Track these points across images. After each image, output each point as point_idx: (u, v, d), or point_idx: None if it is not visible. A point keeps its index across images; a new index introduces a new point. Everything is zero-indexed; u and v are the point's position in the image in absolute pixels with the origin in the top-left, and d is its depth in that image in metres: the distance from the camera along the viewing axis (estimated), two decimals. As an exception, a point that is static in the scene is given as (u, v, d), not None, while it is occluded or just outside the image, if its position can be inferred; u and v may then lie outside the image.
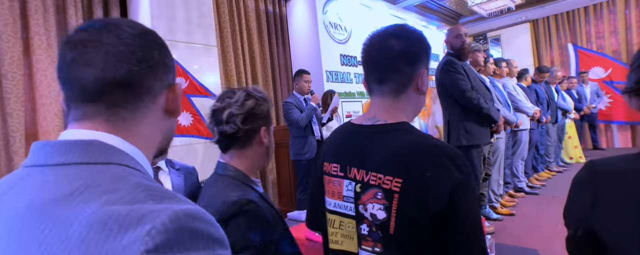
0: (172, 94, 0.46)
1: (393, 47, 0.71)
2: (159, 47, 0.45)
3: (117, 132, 0.41)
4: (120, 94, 0.41)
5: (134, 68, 0.41)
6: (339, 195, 0.75)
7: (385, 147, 0.69)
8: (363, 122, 0.76)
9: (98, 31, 0.41)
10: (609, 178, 0.58)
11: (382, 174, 0.67)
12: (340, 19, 4.01)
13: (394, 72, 0.72)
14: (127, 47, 0.41)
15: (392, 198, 0.65)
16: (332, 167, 0.77)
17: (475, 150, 2.23)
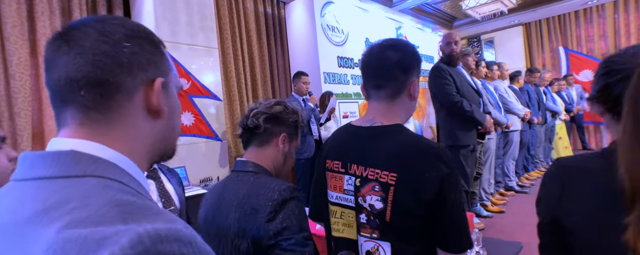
0: (150, 90, 0.41)
1: (390, 57, 0.81)
2: (134, 39, 0.41)
3: (95, 138, 0.39)
4: (86, 94, 0.38)
5: (98, 63, 0.38)
6: (341, 188, 0.84)
7: (382, 146, 0.79)
8: (362, 124, 0.86)
9: (70, 29, 0.39)
10: (574, 174, 0.68)
11: (379, 170, 0.77)
12: (337, 22, 4.10)
13: (390, 79, 0.81)
14: (92, 42, 0.38)
15: (389, 190, 0.75)
16: (335, 164, 0.87)
17: (462, 151, 2.34)
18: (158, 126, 0.44)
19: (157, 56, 0.43)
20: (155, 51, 0.43)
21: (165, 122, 0.44)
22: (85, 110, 0.39)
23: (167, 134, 0.46)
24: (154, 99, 0.41)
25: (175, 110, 0.47)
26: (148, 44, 0.42)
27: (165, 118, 0.44)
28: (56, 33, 0.40)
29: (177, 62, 2.74)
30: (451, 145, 2.34)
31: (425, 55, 5.94)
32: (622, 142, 0.56)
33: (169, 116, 0.45)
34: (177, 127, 0.49)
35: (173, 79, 0.47)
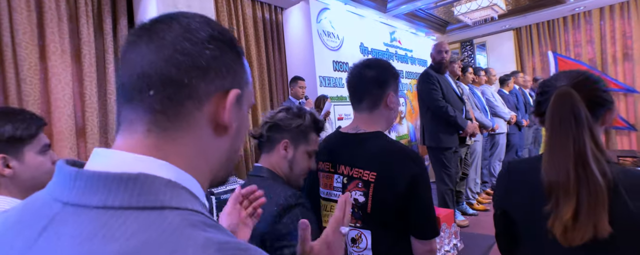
0: (223, 102, 0.37)
1: (366, 75, 0.96)
2: (218, 42, 0.37)
3: (161, 151, 0.34)
4: (155, 94, 0.34)
5: (175, 60, 0.34)
6: (330, 186, 0.99)
7: (364, 150, 0.94)
8: (348, 131, 1.01)
9: (155, 21, 0.37)
10: (517, 174, 0.84)
11: (362, 169, 0.92)
12: (333, 27, 4.26)
13: (367, 94, 0.97)
14: (175, 37, 0.35)
15: (369, 186, 0.90)
16: (325, 165, 1.02)
17: (446, 152, 2.51)
18: (223, 144, 0.39)
19: (238, 65, 0.39)
20: (237, 60, 0.39)
21: (231, 140, 0.39)
22: (154, 113, 0.34)
23: (230, 154, 0.41)
24: (225, 112, 0.37)
25: (242, 130, 0.42)
26: (231, 51, 0.39)
27: (231, 136, 0.39)
28: (140, 24, 0.37)
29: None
30: (435, 147, 2.50)
31: (419, 59, 6.11)
32: (544, 150, 0.72)
33: (236, 134, 0.40)
34: (239, 148, 0.43)
35: (248, 94, 0.43)
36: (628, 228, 0.66)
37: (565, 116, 0.70)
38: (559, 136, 0.70)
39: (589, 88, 0.74)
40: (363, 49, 4.79)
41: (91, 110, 2.80)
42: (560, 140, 0.69)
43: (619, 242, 0.66)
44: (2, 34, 2.40)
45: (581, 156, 0.67)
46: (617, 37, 5.85)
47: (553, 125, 0.71)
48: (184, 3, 2.98)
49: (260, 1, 4.13)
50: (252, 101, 0.46)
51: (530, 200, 0.77)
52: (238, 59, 0.40)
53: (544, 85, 0.79)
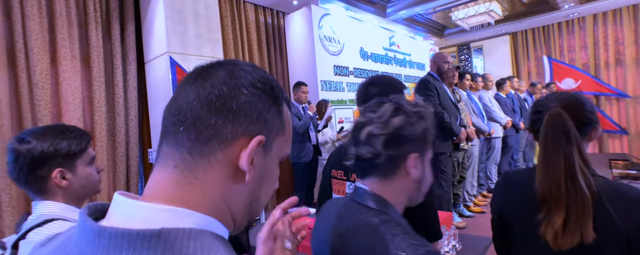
0: (246, 146, 0.37)
1: (371, 92, 1.05)
2: (256, 89, 0.38)
3: (186, 190, 0.35)
4: (184, 131, 0.36)
5: (208, 101, 0.36)
6: (343, 192, 1.09)
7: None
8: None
9: (208, 66, 0.40)
10: (513, 184, 0.94)
11: (372, 178, 1.01)
12: (333, 33, 4.35)
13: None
14: (215, 80, 0.37)
15: (379, 194, 0.99)
16: (338, 173, 1.11)
17: (441, 157, 2.61)
18: (242, 189, 0.39)
19: (272, 113, 0.40)
20: (272, 108, 0.40)
21: (250, 187, 0.39)
22: (182, 150, 0.36)
23: (251, 201, 0.40)
24: (244, 156, 0.36)
25: (266, 179, 0.41)
26: (268, 98, 0.39)
27: (251, 183, 0.39)
28: (194, 68, 0.40)
29: (186, 72, 2.95)
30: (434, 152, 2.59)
31: (418, 63, 6.22)
32: (538, 164, 0.82)
33: (258, 182, 0.40)
34: (262, 198, 0.42)
35: (281, 145, 0.42)
36: (610, 234, 0.73)
37: (557, 135, 0.78)
38: (551, 152, 0.78)
39: (577, 109, 0.82)
40: (363, 54, 4.89)
41: (99, 114, 2.87)
42: (552, 156, 0.78)
43: (601, 246, 0.74)
44: (16, 41, 2.47)
45: (570, 171, 0.75)
46: (610, 43, 6.01)
47: (547, 143, 0.79)
48: (190, 10, 3.06)
49: (262, 6, 4.22)
50: (286, 152, 0.44)
51: (525, 208, 0.86)
52: (274, 107, 0.40)
53: (537, 105, 0.88)
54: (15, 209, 2.39)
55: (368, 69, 4.94)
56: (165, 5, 2.88)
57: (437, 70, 2.76)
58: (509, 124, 3.81)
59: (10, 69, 2.48)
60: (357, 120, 0.72)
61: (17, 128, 2.48)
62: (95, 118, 2.86)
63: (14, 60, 2.48)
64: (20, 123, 2.49)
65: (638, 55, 5.78)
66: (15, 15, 2.46)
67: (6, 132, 2.38)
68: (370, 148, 0.66)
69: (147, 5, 3.09)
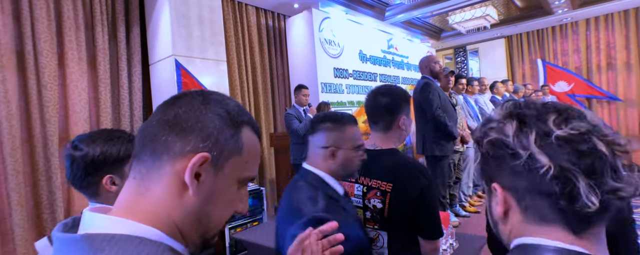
0: (189, 162, 0.39)
1: (380, 102, 1.14)
2: (213, 111, 0.42)
3: (134, 199, 0.40)
4: (145, 147, 0.41)
5: (167, 120, 0.41)
6: (352, 193, 1.17)
7: (381, 164, 1.12)
8: (367, 147, 1.18)
9: (182, 94, 0.45)
10: None
11: (380, 181, 1.10)
12: (333, 36, 4.43)
13: (381, 118, 1.15)
14: (181, 104, 0.42)
15: (386, 195, 1.08)
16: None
17: (445, 161, 2.70)
18: (187, 202, 0.40)
19: (225, 134, 0.42)
20: (227, 129, 0.42)
21: (198, 202, 0.41)
22: (140, 163, 0.41)
23: (199, 217, 0.42)
24: (187, 171, 0.39)
25: (217, 198, 0.43)
26: (223, 120, 0.42)
27: (199, 198, 0.41)
28: (171, 96, 0.45)
29: (191, 74, 3.02)
30: (437, 156, 2.68)
31: (415, 65, 6.32)
32: None
33: (204, 197, 0.41)
34: (215, 216, 0.43)
35: (237, 166, 0.44)
36: None
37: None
38: None
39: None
40: (362, 56, 4.98)
41: (105, 115, 2.93)
42: None
43: None
44: (25, 43, 2.52)
45: None
46: (602, 47, 6.16)
47: None
48: (195, 13, 3.13)
49: (264, 9, 4.29)
50: (247, 175, 0.45)
51: None
52: (229, 129, 0.42)
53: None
54: (24, 208, 2.45)
55: (367, 71, 5.04)
56: (171, 9, 2.94)
57: (430, 72, 2.84)
58: (504, 126, 3.92)
59: (20, 71, 2.53)
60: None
61: (25, 128, 2.53)
62: (100, 119, 2.92)
63: (23, 62, 2.53)
64: (28, 123, 2.54)
65: (629, 60, 5.94)
66: (24, 18, 2.51)
67: (15, 132, 2.43)
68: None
69: (152, 8, 3.15)
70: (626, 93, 5.97)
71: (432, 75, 2.86)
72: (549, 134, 0.40)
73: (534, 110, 0.44)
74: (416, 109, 2.82)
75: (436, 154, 2.67)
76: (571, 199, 0.39)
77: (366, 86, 4.98)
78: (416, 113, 2.83)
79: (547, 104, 0.45)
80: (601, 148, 0.39)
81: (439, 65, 2.85)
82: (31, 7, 2.55)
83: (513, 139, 0.43)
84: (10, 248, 2.39)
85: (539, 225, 0.42)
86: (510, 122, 0.44)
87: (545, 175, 0.39)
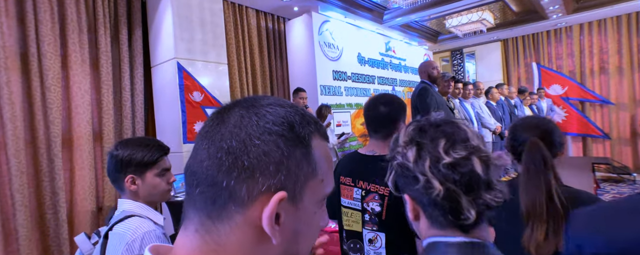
0: (266, 205, 0.33)
1: (381, 111, 1.20)
2: (271, 135, 0.34)
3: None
4: (202, 193, 0.34)
5: (218, 160, 0.33)
6: (351, 197, 1.23)
7: (380, 170, 1.18)
8: (366, 153, 1.25)
9: (227, 108, 0.37)
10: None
11: (378, 185, 1.16)
12: (333, 39, 4.50)
13: (381, 127, 1.21)
14: (225, 132, 0.34)
15: (384, 199, 1.14)
16: (347, 179, 1.26)
17: None
18: (271, 251, 0.35)
19: (294, 159, 0.35)
20: (294, 152, 0.35)
21: (282, 245, 0.35)
22: (200, 213, 0.34)
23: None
24: (264, 220, 0.32)
25: (304, 233, 0.37)
26: (287, 141, 0.34)
27: (283, 241, 0.35)
28: (213, 113, 0.37)
29: (192, 77, 3.07)
30: None
31: (412, 68, 6.40)
32: (521, 185, 0.97)
33: (290, 239, 0.35)
34: (303, 251, 0.38)
35: (315, 188, 0.37)
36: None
37: (537, 162, 0.94)
38: (532, 176, 0.93)
39: (549, 137, 0.99)
40: (360, 59, 5.05)
41: (107, 117, 2.97)
42: (534, 179, 0.92)
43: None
44: (29, 45, 2.55)
45: (549, 192, 0.91)
46: (595, 51, 6.28)
47: (528, 168, 0.95)
48: (197, 17, 3.17)
49: (264, 12, 4.34)
50: (326, 192, 0.39)
51: (506, 223, 0.95)
52: (298, 149, 0.35)
53: (515, 133, 1.05)
54: (28, 208, 2.49)
55: (365, 73, 5.10)
56: (174, 13, 2.98)
57: (428, 77, 2.91)
58: (498, 129, 4.01)
59: (24, 73, 2.57)
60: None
61: (29, 129, 2.57)
62: (103, 120, 2.96)
63: (27, 65, 2.56)
64: (32, 125, 2.58)
65: (621, 64, 6.06)
66: (28, 21, 2.55)
67: (19, 133, 2.46)
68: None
69: (154, 11, 3.20)
70: (618, 97, 6.09)
71: (430, 80, 2.93)
72: (439, 160, 0.53)
73: (429, 137, 0.56)
74: (413, 112, 2.89)
75: None
76: (456, 214, 0.52)
77: (364, 88, 5.05)
78: (413, 116, 2.90)
79: (439, 128, 0.57)
80: (477, 169, 0.52)
81: (437, 71, 2.93)
82: (35, 9, 2.58)
83: (413, 165, 0.55)
84: (14, 248, 2.43)
85: (440, 229, 0.56)
86: (411, 149, 0.56)
87: (438, 196, 0.52)
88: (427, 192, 0.53)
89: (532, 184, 0.93)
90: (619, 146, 6.06)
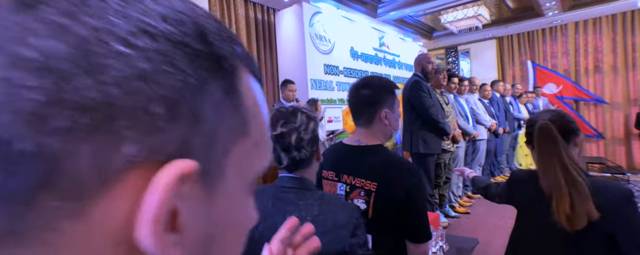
0: (144, 193, 0.16)
1: (362, 95, 1.05)
2: (169, 45, 0.16)
3: None
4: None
5: (27, 87, 0.13)
6: (334, 193, 1.08)
7: (365, 162, 1.03)
8: (351, 143, 1.09)
9: None
10: (518, 181, 1.14)
11: (364, 179, 1.01)
12: (324, 31, 4.34)
13: (363, 112, 1.06)
14: (54, 24, 0.14)
15: (371, 195, 0.99)
16: (330, 173, 1.10)
17: (430, 158, 2.65)
18: None
19: (207, 96, 0.18)
20: (207, 83, 0.18)
21: None
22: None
23: None
24: (144, 223, 0.15)
25: (230, 230, 0.21)
26: (191, 61, 0.17)
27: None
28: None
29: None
30: (423, 153, 2.63)
31: (406, 64, 6.28)
32: (536, 166, 1.03)
33: (200, 250, 0.19)
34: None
35: (247, 156, 0.21)
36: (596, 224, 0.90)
37: (547, 140, 0.98)
38: (546, 155, 0.97)
39: (561, 120, 1.01)
40: (353, 53, 4.90)
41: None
42: (547, 158, 0.96)
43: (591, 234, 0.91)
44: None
45: (563, 165, 0.93)
46: (590, 50, 6.22)
47: (540, 148, 0.99)
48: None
49: (253, 2, 4.17)
50: (261, 166, 0.23)
51: (527, 202, 1.07)
52: (209, 83, 0.18)
53: (530, 121, 1.08)
54: None
55: (358, 68, 4.96)
56: None
57: (422, 70, 2.79)
58: (493, 126, 3.89)
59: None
60: (279, 130, 0.81)
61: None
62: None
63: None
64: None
65: (615, 63, 6.01)
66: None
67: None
68: (305, 151, 0.82)
69: None
70: (612, 96, 6.04)
71: (423, 73, 2.80)
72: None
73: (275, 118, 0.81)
74: (405, 106, 2.76)
75: (421, 151, 2.62)
76: (279, 161, 0.83)
77: (357, 84, 4.90)
78: (405, 110, 2.77)
79: (289, 110, 0.83)
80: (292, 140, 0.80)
81: (432, 65, 2.80)
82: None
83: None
84: None
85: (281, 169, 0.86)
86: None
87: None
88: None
89: (545, 161, 0.97)
90: (613, 146, 6.01)
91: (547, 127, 0.97)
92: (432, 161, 2.69)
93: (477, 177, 1.49)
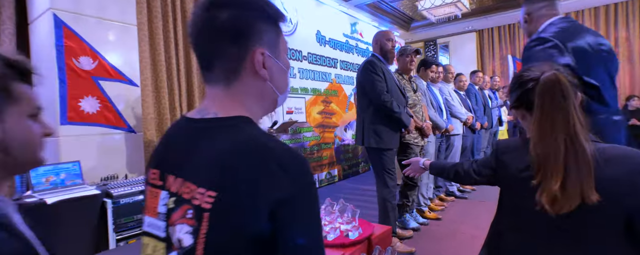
0: None
1: (213, 22, 0.53)
2: None
3: None
4: None
5: None
6: (154, 211, 0.57)
7: (206, 149, 0.52)
8: (193, 116, 0.58)
9: None
10: (503, 150, 0.93)
11: (195, 185, 0.50)
12: (284, 10, 3.82)
13: (219, 54, 0.55)
14: None
15: (202, 218, 0.48)
16: (152, 174, 0.59)
17: (387, 153, 2.18)
18: None
19: None
20: None
21: None
22: None
23: None
24: None
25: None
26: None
27: None
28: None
29: (79, 36, 2.31)
30: (375, 148, 2.18)
31: (381, 54, 5.84)
32: (532, 130, 0.79)
33: None
34: None
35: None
36: (608, 195, 0.70)
37: (556, 96, 0.76)
38: (549, 115, 0.77)
39: (567, 73, 0.80)
40: (320, 38, 4.40)
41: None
42: (550, 118, 0.76)
43: (603, 211, 0.71)
44: None
45: (570, 130, 0.75)
46: (572, 44, 5.96)
47: (543, 106, 0.78)
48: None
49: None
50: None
51: (515, 172, 0.86)
52: None
53: (523, 77, 0.84)
54: None
55: (325, 55, 4.46)
56: (48, -54, 2.20)
57: (380, 50, 2.34)
58: (470, 120, 3.48)
59: None
60: None
61: None
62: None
63: None
64: None
65: (597, 58, 5.77)
66: None
67: None
68: None
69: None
70: (594, 92, 5.80)
71: (381, 53, 2.33)
72: None
73: None
74: (358, 92, 2.30)
75: (373, 145, 2.16)
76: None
77: (324, 72, 4.40)
78: (358, 96, 2.31)
79: None
80: None
81: (392, 43, 2.34)
82: None
83: None
84: None
85: None
86: None
87: None
88: None
89: (546, 122, 0.77)
90: (593, 144, 5.80)
91: (556, 79, 0.77)
92: (391, 155, 2.23)
93: (435, 162, 1.24)
